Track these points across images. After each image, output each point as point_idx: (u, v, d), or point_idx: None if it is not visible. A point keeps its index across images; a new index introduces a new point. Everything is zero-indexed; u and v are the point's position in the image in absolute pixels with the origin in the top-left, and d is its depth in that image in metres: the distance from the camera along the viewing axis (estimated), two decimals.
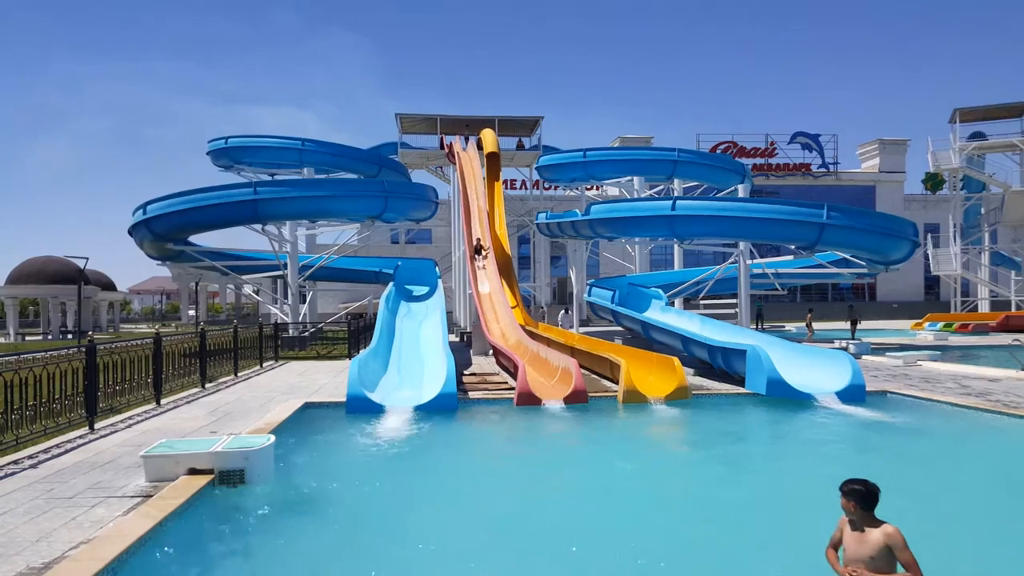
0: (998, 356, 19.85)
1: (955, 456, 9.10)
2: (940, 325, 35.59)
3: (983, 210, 45.39)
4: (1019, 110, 42.50)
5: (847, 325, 31.81)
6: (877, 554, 4.05)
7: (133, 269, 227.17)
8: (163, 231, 25.45)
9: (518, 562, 5.46)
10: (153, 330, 14.14)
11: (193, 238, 29.19)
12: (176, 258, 30.01)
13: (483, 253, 17.93)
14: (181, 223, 25.17)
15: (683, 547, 5.77)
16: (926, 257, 45.77)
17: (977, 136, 44.47)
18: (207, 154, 32.92)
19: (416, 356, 16.58)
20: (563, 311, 29.86)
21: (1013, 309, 40.88)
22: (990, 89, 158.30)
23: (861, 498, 4.19)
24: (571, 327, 27.42)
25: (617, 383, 13.45)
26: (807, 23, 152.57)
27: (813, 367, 14.07)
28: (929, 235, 45.99)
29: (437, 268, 26.32)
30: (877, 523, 4.16)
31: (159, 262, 33.28)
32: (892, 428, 10.65)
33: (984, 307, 44.30)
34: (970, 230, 45.55)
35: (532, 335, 19.86)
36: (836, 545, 4.41)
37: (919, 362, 18.78)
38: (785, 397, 12.63)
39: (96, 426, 9.92)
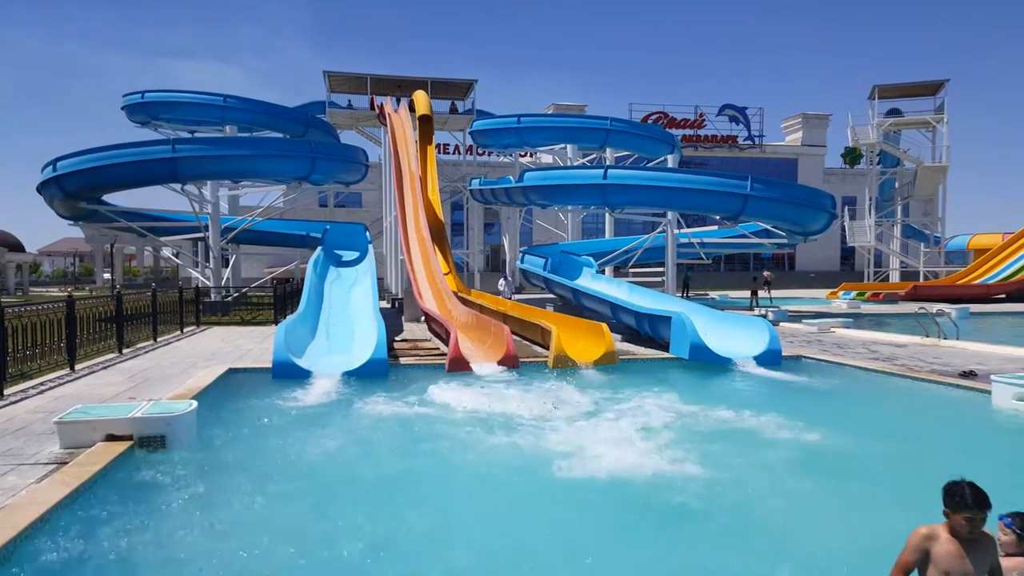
0: (906, 323, 21.02)
1: (859, 414, 9.66)
2: (853, 294, 37.41)
3: (897, 184, 47.58)
4: (933, 88, 44.47)
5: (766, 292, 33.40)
6: None
7: (43, 229, 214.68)
8: (75, 189, 24.18)
9: (440, 521, 5.54)
10: (65, 293, 13.48)
11: (108, 197, 27.84)
12: (89, 218, 28.61)
13: None
14: (94, 181, 23.96)
15: (604, 499, 5.97)
16: (843, 229, 47.74)
17: (894, 112, 46.38)
18: (122, 109, 31.33)
19: (345, 322, 16.37)
20: (502, 279, 29.92)
21: (921, 279, 43.30)
22: (909, 67, 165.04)
23: None
24: (511, 295, 27.54)
25: (548, 349, 13.65)
26: None
27: (733, 333, 14.60)
28: (846, 208, 47.89)
29: (368, 233, 25.94)
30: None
31: (71, 222, 31.66)
32: (805, 389, 11.21)
33: (895, 277, 46.73)
34: (884, 203, 47.73)
35: (465, 301, 19.88)
36: (907, 570, 3.34)
37: (833, 329, 19.73)
38: (707, 361, 13.09)
39: (5, 392, 9.47)
